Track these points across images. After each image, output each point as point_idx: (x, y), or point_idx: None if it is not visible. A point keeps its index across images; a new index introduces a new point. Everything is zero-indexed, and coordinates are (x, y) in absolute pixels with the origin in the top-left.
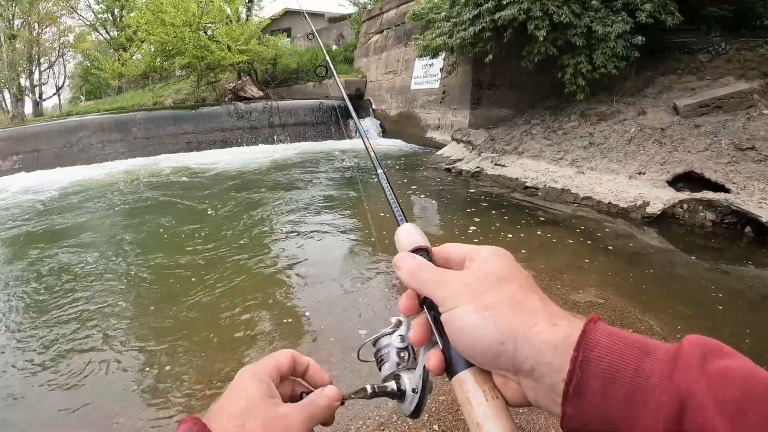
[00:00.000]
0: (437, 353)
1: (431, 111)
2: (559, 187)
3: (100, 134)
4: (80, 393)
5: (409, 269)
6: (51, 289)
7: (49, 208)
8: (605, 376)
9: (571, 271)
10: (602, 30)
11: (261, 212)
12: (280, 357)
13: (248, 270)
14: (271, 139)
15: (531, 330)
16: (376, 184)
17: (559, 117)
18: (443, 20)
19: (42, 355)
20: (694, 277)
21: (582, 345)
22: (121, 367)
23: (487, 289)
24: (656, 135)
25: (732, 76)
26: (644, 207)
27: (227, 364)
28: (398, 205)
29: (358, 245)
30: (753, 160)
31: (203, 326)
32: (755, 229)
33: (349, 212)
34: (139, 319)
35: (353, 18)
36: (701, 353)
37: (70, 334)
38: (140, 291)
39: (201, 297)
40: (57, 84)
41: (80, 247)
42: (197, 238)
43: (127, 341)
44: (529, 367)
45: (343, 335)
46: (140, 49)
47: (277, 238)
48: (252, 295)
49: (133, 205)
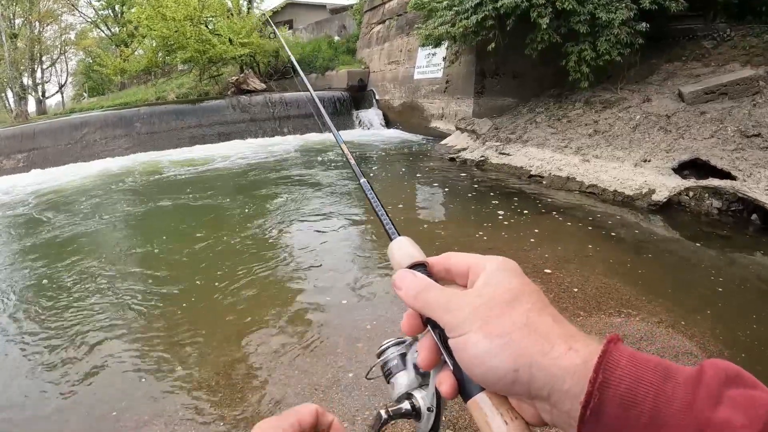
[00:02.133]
0: (449, 377)
1: (435, 101)
2: (564, 175)
3: (103, 130)
4: (84, 393)
5: (411, 290)
6: (51, 288)
7: (52, 206)
8: (624, 400)
9: (577, 259)
10: (606, 17)
11: (265, 205)
12: (302, 413)
13: (253, 262)
14: (274, 131)
15: (547, 356)
16: (378, 173)
17: (563, 105)
18: (445, 9)
19: (48, 352)
20: (701, 265)
21: (601, 367)
22: (122, 366)
23: (498, 312)
24: (661, 122)
25: (737, 62)
26: (650, 195)
27: (232, 356)
28: (388, 217)
29: (364, 236)
30: (759, 147)
31: (208, 319)
32: (762, 216)
33: (353, 203)
34: (143, 314)
35: (355, 8)
36: (722, 379)
37: (73, 331)
38: (141, 288)
39: (207, 289)
40: (60, 82)
41: (84, 245)
42: (202, 232)
43: (129, 338)
44: (546, 394)
45: (348, 326)
46: (142, 44)
47: (281, 230)
48: (257, 284)
49: (136, 202)
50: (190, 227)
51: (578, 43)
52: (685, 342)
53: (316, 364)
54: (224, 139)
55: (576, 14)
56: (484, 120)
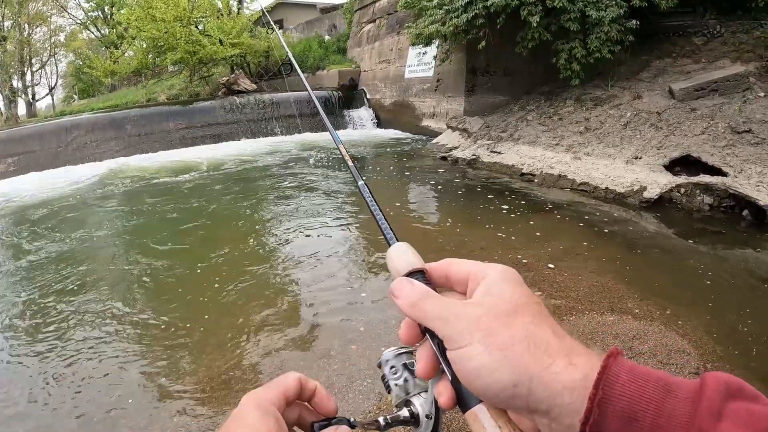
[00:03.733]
0: (448, 387)
1: (426, 99)
2: (555, 173)
3: (94, 133)
4: (80, 399)
5: (409, 299)
6: (46, 294)
7: (45, 210)
8: (624, 415)
9: (569, 257)
10: (596, 14)
11: (258, 207)
12: (286, 382)
13: (247, 263)
14: (266, 132)
15: (546, 370)
16: (369, 172)
17: (554, 103)
18: (436, 8)
19: (47, 352)
20: (693, 261)
21: (601, 382)
22: (117, 372)
23: (499, 324)
24: (652, 119)
25: (728, 58)
26: (641, 192)
27: (227, 361)
28: (386, 221)
29: (359, 237)
30: (750, 143)
31: (202, 323)
32: (753, 212)
33: (348, 203)
34: (136, 315)
35: (345, 8)
36: (723, 393)
37: (67, 338)
38: (136, 290)
39: (201, 291)
40: (50, 84)
41: (77, 249)
42: (196, 233)
43: (125, 344)
44: (545, 408)
45: (342, 328)
46: (132, 46)
47: (275, 233)
48: (251, 287)
49: (129, 205)
50: (181, 232)
51: (569, 40)
52: (677, 340)
53: (310, 366)
54: (216, 141)
55: (566, 12)
56: (476, 118)
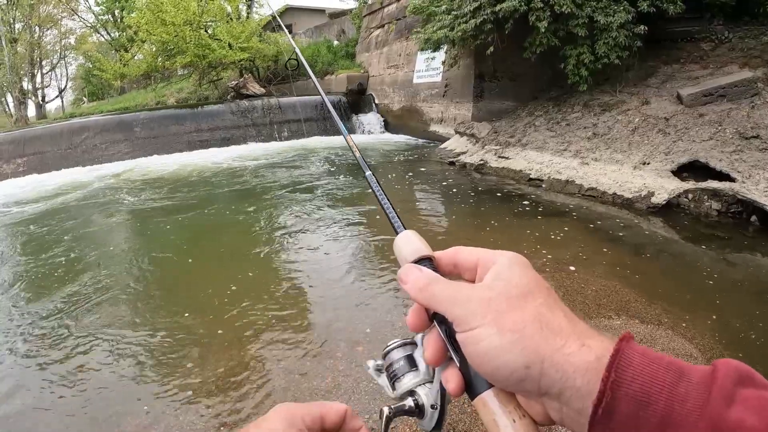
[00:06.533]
0: (456, 374)
1: (434, 104)
2: (563, 178)
3: (103, 135)
4: (84, 399)
5: (417, 283)
6: (50, 294)
7: (52, 212)
8: (637, 398)
9: (577, 262)
10: (604, 20)
11: (264, 209)
12: (330, 407)
13: (254, 264)
14: (274, 136)
15: (559, 351)
16: (380, 175)
17: (562, 108)
18: (444, 13)
19: (51, 351)
20: (701, 266)
21: (614, 365)
22: (122, 371)
23: (510, 306)
24: (660, 124)
25: (735, 64)
26: (649, 197)
27: (232, 361)
28: (393, 210)
29: (367, 239)
30: (758, 149)
31: (207, 324)
32: (761, 217)
33: (357, 205)
34: (143, 315)
35: (354, 13)
36: (735, 379)
37: (72, 337)
38: (143, 291)
39: (206, 294)
40: (59, 86)
41: (86, 250)
42: (204, 237)
43: (129, 344)
44: (556, 391)
45: (348, 330)
46: (141, 49)
47: (281, 234)
48: (258, 288)
49: (137, 206)
50: (190, 233)
51: (577, 46)
52: (685, 344)
53: (316, 368)
54: (224, 144)
55: (574, 17)
56: (483, 123)
